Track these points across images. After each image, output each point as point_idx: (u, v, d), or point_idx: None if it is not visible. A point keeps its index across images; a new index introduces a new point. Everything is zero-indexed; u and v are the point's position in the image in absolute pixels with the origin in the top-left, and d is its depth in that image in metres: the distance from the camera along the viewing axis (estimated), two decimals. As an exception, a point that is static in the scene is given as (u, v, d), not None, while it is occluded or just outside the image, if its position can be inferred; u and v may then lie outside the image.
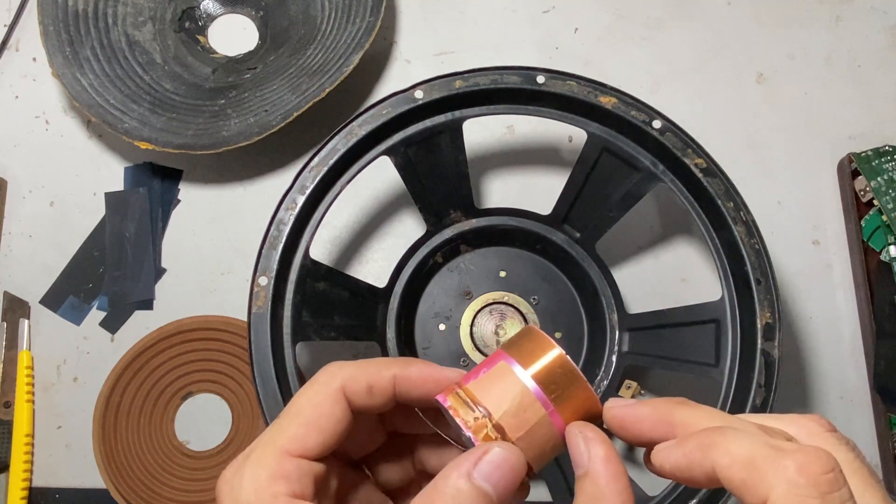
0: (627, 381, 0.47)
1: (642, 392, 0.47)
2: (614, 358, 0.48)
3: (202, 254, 0.56)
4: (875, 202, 0.52)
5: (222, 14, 0.61)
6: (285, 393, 0.42)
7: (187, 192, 0.57)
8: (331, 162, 0.45)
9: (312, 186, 0.45)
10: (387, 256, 0.55)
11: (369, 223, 0.56)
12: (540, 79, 0.46)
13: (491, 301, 0.51)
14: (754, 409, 0.41)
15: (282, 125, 0.52)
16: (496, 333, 0.50)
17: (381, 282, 0.49)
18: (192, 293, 0.55)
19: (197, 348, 0.52)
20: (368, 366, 0.25)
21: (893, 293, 0.51)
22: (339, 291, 0.47)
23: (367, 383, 0.24)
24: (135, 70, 0.56)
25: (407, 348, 0.49)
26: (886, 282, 0.51)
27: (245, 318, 0.43)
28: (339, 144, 0.45)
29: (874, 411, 0.52)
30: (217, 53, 0.60)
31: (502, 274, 0.51)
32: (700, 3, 0.61)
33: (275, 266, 0.43)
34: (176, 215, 0.57)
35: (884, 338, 0.51)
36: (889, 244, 0.52)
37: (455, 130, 0.47)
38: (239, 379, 0.52)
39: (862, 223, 0.53)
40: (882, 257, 0.52)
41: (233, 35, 0.61)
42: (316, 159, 0.45)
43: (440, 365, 0.26)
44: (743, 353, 0.43)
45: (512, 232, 0.51)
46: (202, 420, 0.52)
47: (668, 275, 0.55)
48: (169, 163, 0.57)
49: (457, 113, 0.47)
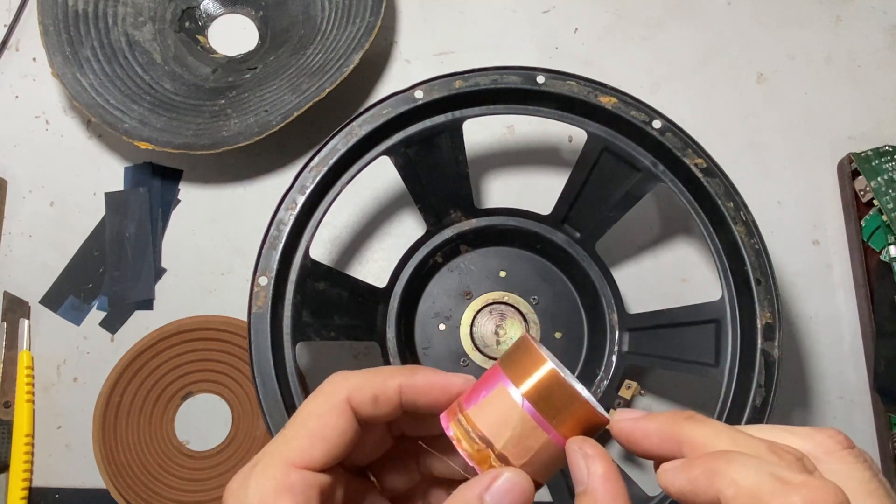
0: (627, 381, 0.47)
1: (642, 392, 0.47)
2: (614, 358, 0.48)
3: (202, 254, 0.56)
4: (875, 202, 0.52)
5: (222, 14, 0.61)
6: (285, 393, 0.42)
7: (187, 192, 0.57)
8: (331, 162, 0.45)
9: (312, 186, 0.45)
10: (387, 256, 0.55)
11: (369, 223, 0.56)
12: (540, 79, 0.46)
13: (491, 301, 0.51)
14: (754, 409, 0.41)
15: (282, 125, 0.52)
16: (496, 333, 0.50)
17: (381, 282, 0.49)
18: (192, 293, 0.55)
19: (197, 348, 0.52)
20: (374, 376, 0.25)
21: (893, 293, 0.51)
22: (339, 291, 0.47)
23: (373, 394, 0.24)
24: (135, 70, 0.56)
25: (407, 348, 0.49)
26: (886, 282, 0.51)
27: (245, 318, 0.43)
28: (339, 144, 0.45)
29: (874, 411, 0.52)
30: (217, 53, 0.60)
31: (502, 274, 0.51)
32: (700, 3, 0.61)
33: (275, 266, 0.43)
34: (176, 215, 0.57)
35: (884, 338, 0.51)
36: (889, 244, 0.52)
37: (455, 130, 0.47)
38: (239, 379, 0.52)
39: (862, 223, 0.53)
40: (882, 257, 0.52)
41: (233, 35, 0.61)
42: (316, 159, 0.45)
43: (441, 369, 0.26)
44: (743, 353, 0.43)
45: (512, 232, 0.51)
46: (202, 420, 0.52)
47: (668, 275, 0.55)
48: (169, 163, 0.57)
49: (457, 113, 0.47)
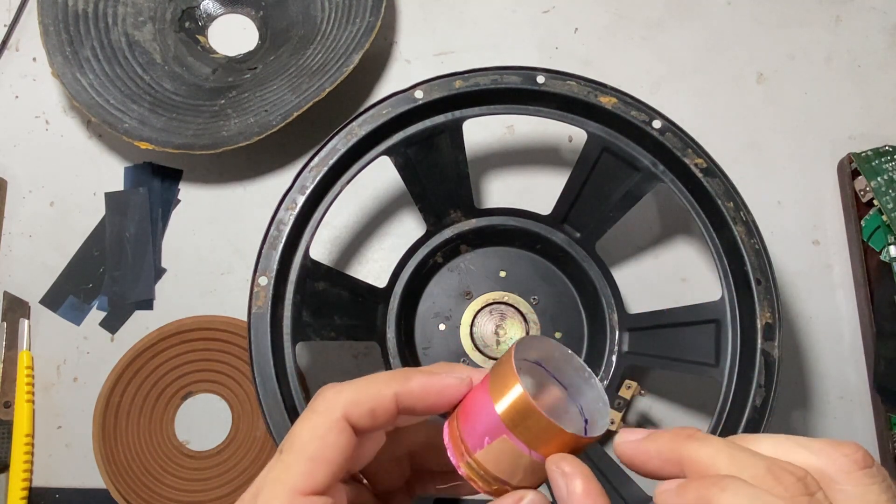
0: (627, 381, 0.47)
1: (642, 392, 0.47)
2: (614, 358, 0.48)
3: (202, 254, 0.56)
4: (875, 202, 0.52)
5: (222, 14, 0.61)
6: (285, 393, 0.42)
7: (187, 192, 0.57)
8: (331, 162, 0.45)
9: (312, 186, 0.45)
10: (387, 256, 0.55)
11: (369, 223, 0.56)
12: (540, 79, 0.46)
13: (491, 301, 0.51)
14: (754, 409, 0.41)
15: (282, 125, 0.52)
16: (496, 333, 0.50)
17: (381, 282, 0.49)
18: (192, 293, 0.55)
19: (197, 348, 0.52)
20: (368, 387, 0.24)
21: (893, 293, 0.51)
22: (339, 291, 0.47)
23: (370, 407, 0.24)
24: (135, 70, 0.56)
25: (407, 348, 0.49)
26: (886, 282, 0.51)
27: (245, 318, 0.43)
28: (339, 144, 0.45)
29: (874, 411, 0.52)
30: (217, 53, 0.60)
31: (502, 274, 0.51)
32: (700, 3, 0.61)
33: (275, 266, 0.43)
34: (176, 215, 0.57)
35: (884, 338, 0.51)
36: (889, 244, 0.52)
37: (455, 130, 0.47)
38: (239, 379, 0.52)
39: (862, 223, 0.53)
40: (882, 257, 0.52)
41: (233, 35, 0.61)
42: (316, 159, 0.45)
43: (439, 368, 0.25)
44: (743, 353, 0.43)
45: (512, 232, 0.51)
46: (202, 420, 0.52)
47: (668, 275, 0.55)
48: (169, 163, 0.57)
49: (457, 113, 0.47)
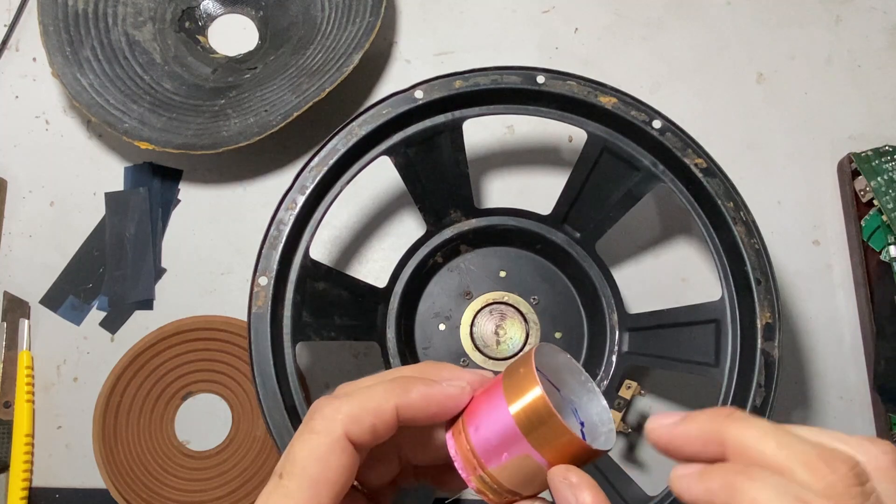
0: (627, 381, 0.47)
1: (642, 392, 0.47)
2: (614, 358, 0.48)
3: (202, 254, 0.56)
4: (875, 202, 0.52)
5: (222, 14, 0.61)
6: (285, 393, 0.42)
7: (187, 192, 0.57)
8: (331, 162, 0.45)
9: (312, 186, 0.45)
10: (387, 256, 0.55)
11: (369, 223, 0.56)
12: (540, 79, 0.46)
13: (491, 301, 0.51)
14: (754, 409, 0.41)
15: (282, 125, 0.52)
16: (496, 333, 0.50)
17: (381, 282, 0.49)
18: (192, 293, 0.55)
19: (197, 348, 0.52)
20: (367, 401, 0.23)
21: (893, 293, 0.51)
22: (339, 291, 0.47)
23: (371, 424, 0.23)
24: (135, 70, 0.56)
25: (407, 348, 0.49)
26: (886, 282, 0.51)
27: (245, 318, 0.43)
28: (339, 144, 0.45)
29: (874, 411, 0.52)
30: (217, 53, 0.60)
31: (502, 274, 0.51)
32: (700, 3, 0.61)
33: (275, 266, 0.43)
34: (176, 215, 0.57)
35: (884, 338, 0.51)
36: (889, 244, 0.52)
37: (455, 130, 0.47)
38: (239, 379, 0.52)
39: (862, 223, 0.53)
40: (882, 257, 0.52)
41: (233, 35, 0.61)
42: (316, 159, 0.45)
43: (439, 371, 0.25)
44: (743, 353, 0.43)
45: (512, 232, 0.51)
46: (202, 420, 0.52)
47: (668, 275, 0.55)
48: (169, 163, 0.57)
49: (457, 113, 0.47)
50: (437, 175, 0.48)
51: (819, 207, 0.56)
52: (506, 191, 0.57)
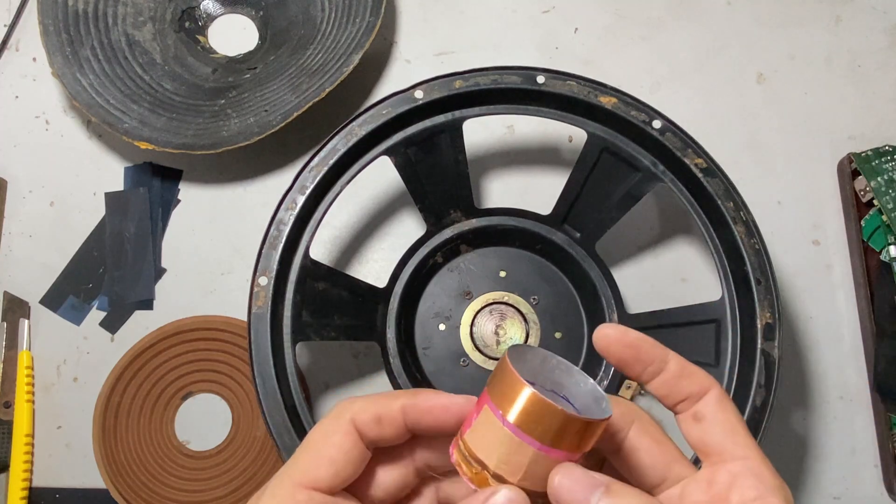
0: (627, 381, 0.47)
1: (642, 392, 0.47)
2: (614, 358, 0.48)
3: (202, 254, 0.56)
4: (875, 202, 0.52)
5: (222, 14, 0.61)
6: (285, 393, 0.42)
7: (187, 192, 0.57)
8: (331, 162, 0.45)
9: (312, 186, 0.45)
10: (387, 256, 0.55)
11: (369, 223, 0.56)
12: (540, 79, 0.46)
13: (491, 301, 0.51)
14: (754, 409, 0.41)
15: (282, 125, 0.52)
16: (496, 333, 0.50)
17: (381, 282, 0.49)
18: (192, 293, 0.55)
19: (197, 348, 0.52)
20: (378, 398, 0.25)
21: (893, 293, 0.51)
22: (339, 291, 0.47)
23: (376, 413, 0.24)
24: (135, 70, 0.56)
25: (407, 348, 0.49)
26: (886, 282, 0.51)
27: (245, 318, 0.43)
28: (339, 144, 0.45)
29: (874, 411, 0.52)
30: (217, 53, 0.60)
31: (502, 274, 0.51)
32: (700, 3, 0.61)
33: (275, 266, 0.43)
34: (176, 215, 0.57)
35: (884, 338, 0.51)
36: (889, 244, 0.52)
37: (455, 130, 0.47)
38: (239, 379, 0.52)
39: (862, 223, 0.53)
40: (882, 257, 0.52)
41: (233, 35, 0.61)
42: (316, 159, 0.45)
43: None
44: (743, 353, 0.43)
45: (512, 232, 0.51)
46: (202, 420, 0.52)
47: (668, 275, 0.55)
48: (169, 163, 0.57)
49: (457, 113, 0.47)
50: (437, 175, 0.48)
51: (819, 207, 0.56)
52: (506, 191, 0.57)
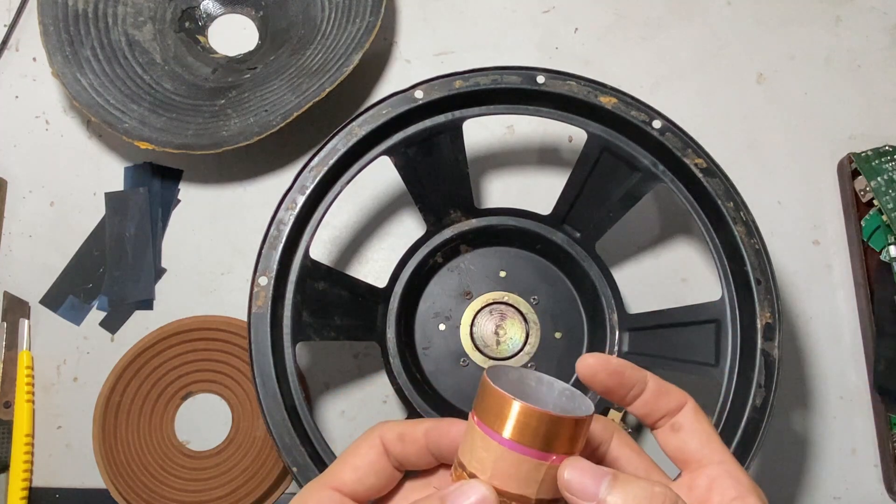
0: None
1: (642, 392, 0.47)
2: (614, 358, 0.48)
3: (202, 254, 0.56)
4: (875, 202, 0.52)
5: (222, 14, 0.61)
6: (285, 393, 0.42)
7: (187, 192, 0.57)
8: (331, 162, 0.45)
9: (312, 186, 0.45)
10: (387, 256, 0.55)
11: (369, 223, 0.56)
12: (540, 79, 0.46)
13: (491, 301, 0.51)
14: (754, 409, 0.41)
15: (282, 125, 0.52)
16: (496, 333, 0.50)
17: (381, 282, 0.49)
18: (192, 293, 0.55)
19: (197, 348, 0.52)
20: (403, 421, 0.27)
21: (893, 293, 0.51)
22: (339, 291, 0.47)
23: (400, 432, 0.27)
24: (135, 70, 0.56)
25: (407, 348, 0.49)
26: (886, 282, 0.51)
27: (245, 318, 0.43)
28: (339, 144, 0.45)
29: (874, 411, 0.52)
30: (217, 53, 0.60)
31: (502, 274, 0.51)
32: (700, 3, 0.61)
33: (275, 266, 0.43)
34: (176, 215, 0.57)
35: (884, 338, 0.51)
36: (889, 244, 0.52)
37: (455, 130, 0.47)
38: (239, 379, 0.52)
39: (862, 223, 0.53)
40: (882, 257, 0.52)
41: (233, 35, 0.61)
42: (316, 159, 0.45)
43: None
44: (743, 353, 0.43)
45: (512, 232, 0.51)
46: (202, 420, 0.52)
47: (668, 275, 0.55)
48: (169, 163, 0.57)
49: (457, 113, 0.47)
50: (437, 175, 0.48)
51: (819, 207, 0.56)
52: (506, 191, 0.57)
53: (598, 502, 0.23)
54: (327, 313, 0.46)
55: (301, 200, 0.44)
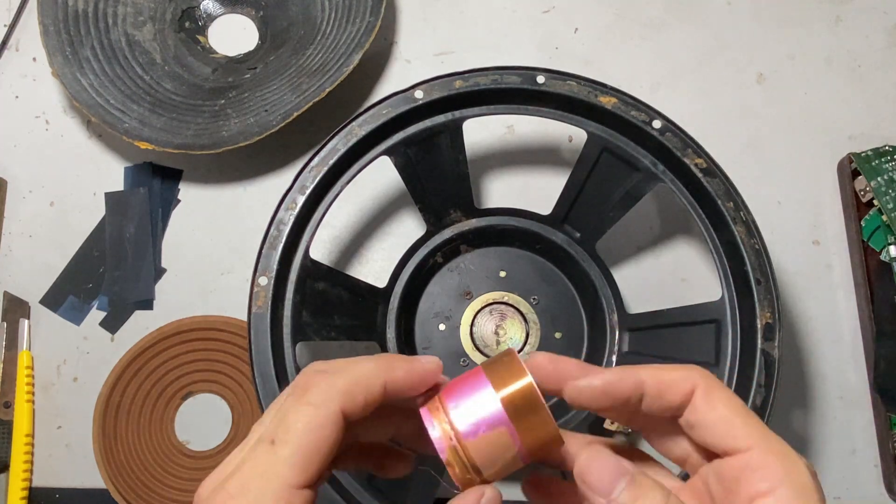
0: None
1: (642, 392, 0.47)
2: (614, 358, 0.48)
3: (202, 254, 0.56)
4: (875, 202, 0.52)
5: (222, 14, 0.61)
6: (285, 393, 0.42)
7: (187, 192, 0.57)
8: (331, 162, 0.45)
9: (312, 186, 0.45)
10: (387, 256, 0.55)
11: (369, 223, 0.56)
12: (540, 79, 0.46)
13: (491, 301, 0.51)
14: (754, 409, 0.41)
15: (282, 125, 0.52)
16: (496, 333, 0.50)
17: (381, 282, 0.49)
18: (192, 293, 0.55)
19: (197, 348, 0.52)
20: (359, 377, 0.24)
21: (893, 293, 0.51)
22: (339, 291, 0.47)
23: (363, 399, 0.24)
24: (135, 70, 0.56)
25: (407, 348, 0.49)
26: (886, 282, 0.51)
27: (245, 318, 0.43)
28: (339, 144, 0.45)
29: (874, 411, 0.52)
30: (217, 53, 0.60)
31: (502, 274, 0.51)
32: (700, 3, 0.61)
33: (275, 266, 0.43)
34: (176, 215, 0.57)
35: (884, 338, 0.51)
36: (889, 244, 0.52)
37: (455, 130, 0.47)
38: (239, 379, 0.52)
39: (862, 223, 0.53)
40: (882, 257, 0.52)
41: (233, 35, 0.61)
42: (316, 159, 0.45)
43: (444, 375, 0.26)
44: (743, 353, 0.43)
45: (512, 232, 0.51)
46: (202, 420, 0.52)
47: (668, 275, 0.55)
48: (169, 163, 0.57)
49: (457, 113, 0.47)
50: (437, 175, 0.48)
51: (819, 207, 0.56)
52: (506, 191, 0.57)
53: (610, 501, 0.22)
54: (327, 313, 0.46)
55: (301, 200, 0.44)
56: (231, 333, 0.52)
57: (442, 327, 0.50)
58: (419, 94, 0.45)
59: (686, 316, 0.46)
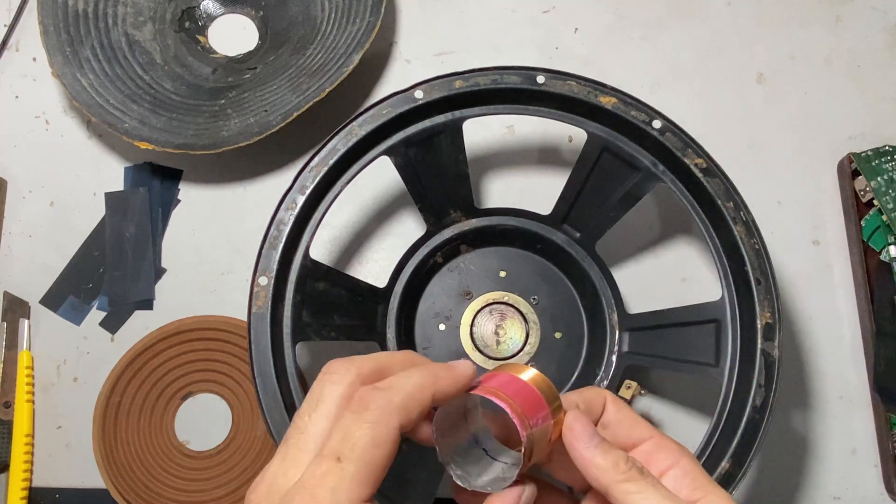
0: (627, 381, 0.47)
1: (642, 392, 0.47)
2: (614, 358, 0.48)
3: (202, 254, 0.56)
4: (875, 202, 0.52)
5: (222, 14, 0.61)
6: (285, 393, 0.42)
7: (187, 192, 0.57)
8: (331, 162, 0.45)
9: (312, 186, 0.45)
10: (387, 256, 0.55)
11: (369, 223, 0.56)
12: (540, 79, 0.46)
13: (491, 301, 0.51)
14: (754, 409, 0.41)
15: (282, 125, 0.52)
16: (496, 333, 0.50)
17: (381, 282, 0.49)
18: (192, 293, 0.55)
19: (197, 348, 0.52)
20: (412, 392, 0.26)
21: (893, 293, 0.51)
22: (339, 291, 0.47)
23: (418, 414, 0.26)
24: (135, 70, 0.56)
25: (407, 348, 0.49)
26: (886, 282, 0.51)
27: (245, 318, 0.43)
28: (339, 144, 0.45)
29: (874, 411, 0.52)
30: (217, 53, 0.60)
31: (502, 274, 0.51)
32: (700, 3, 0.61)
33: (275, 266, 0.43)
34: (176, 215, 0.57)
35: (884, 338, 0.51)
36: (889, 244, 0.52)
37: (455, 130, 0.47)
38: (239, 379, 0.52)
39: (862, 223, 0.53)
40: (882, 257, 0.52)
41: (233, 35, 0.61)
42: (316, 159, 0.45)
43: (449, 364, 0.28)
44: (743, 353, 0.43)
45: (512, 232, 0.51)
46: (202, 420, 0.52)
47: (668, 275, 0.55)
48: (169, 163, 0.57)
49: (457, 113, 0.47)
50: (437, 175, 0.48)
51: (819, 207, 0.56)
52: (506, 191, 0.57)
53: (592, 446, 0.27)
54: (327, 313, 0.46)
55: (301, 200, 0.44)
56: (231, 333, 0.52)
57: (442, 327, 0.50)
58: (419, 94, 0.45)
59: (686, 316, 0.46)
